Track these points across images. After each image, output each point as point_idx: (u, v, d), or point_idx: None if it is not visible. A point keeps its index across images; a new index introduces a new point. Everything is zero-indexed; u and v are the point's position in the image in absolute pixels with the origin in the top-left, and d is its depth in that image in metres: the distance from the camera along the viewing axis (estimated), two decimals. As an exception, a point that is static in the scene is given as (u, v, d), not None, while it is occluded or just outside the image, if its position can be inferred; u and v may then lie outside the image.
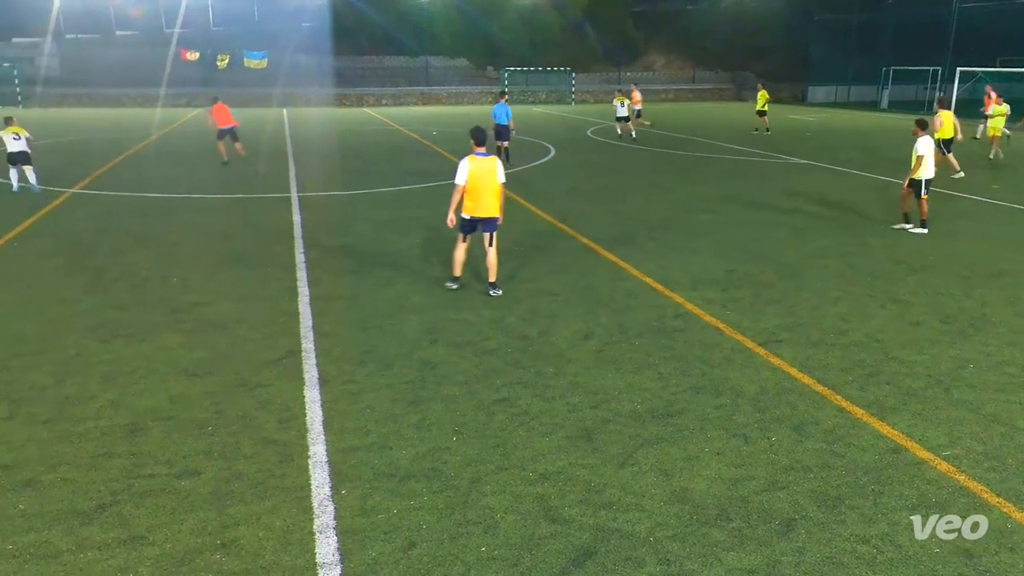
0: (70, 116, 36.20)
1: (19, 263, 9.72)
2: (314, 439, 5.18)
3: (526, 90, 52.15)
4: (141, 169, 18.59)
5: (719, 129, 29.94)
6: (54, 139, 25.79)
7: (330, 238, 11.20)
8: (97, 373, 6.27)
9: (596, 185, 16.46)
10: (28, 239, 11.00)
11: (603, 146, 24.74)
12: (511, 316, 7.78)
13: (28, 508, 4.36)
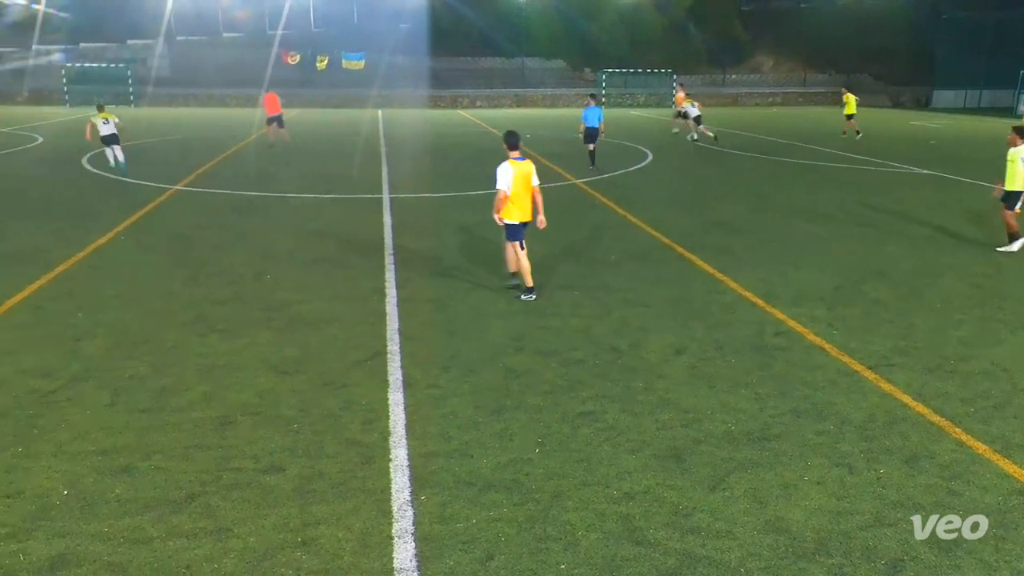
0: (177, 115, 38.46)
1: (125, 256, 10.38)
2: (396, 442, 5.29)
3: (624, 92, 51.77)
4: (240, 167, 19.55)
5: (830, 136, 28.81)
6: (161, 137, 27.48)
7: (419, 240, 11.43)
8: (192, 365, 6.62)
9: (695, 192, 16.14)
10: (134, 233, 11.75)
11: (704, 151, 24.25)
12: (600, 326, 7.71)
13: (123, 493, 4.64)
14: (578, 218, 13.30)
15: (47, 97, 46.69)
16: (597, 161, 19.51)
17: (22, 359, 6.69)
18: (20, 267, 9.66)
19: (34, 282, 8.97)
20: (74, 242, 10.94)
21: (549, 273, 9.69)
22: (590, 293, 8.82)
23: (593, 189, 16.18)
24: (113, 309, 8.14)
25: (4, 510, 4.45)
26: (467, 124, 35.68)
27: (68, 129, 30.09)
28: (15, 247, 10.78)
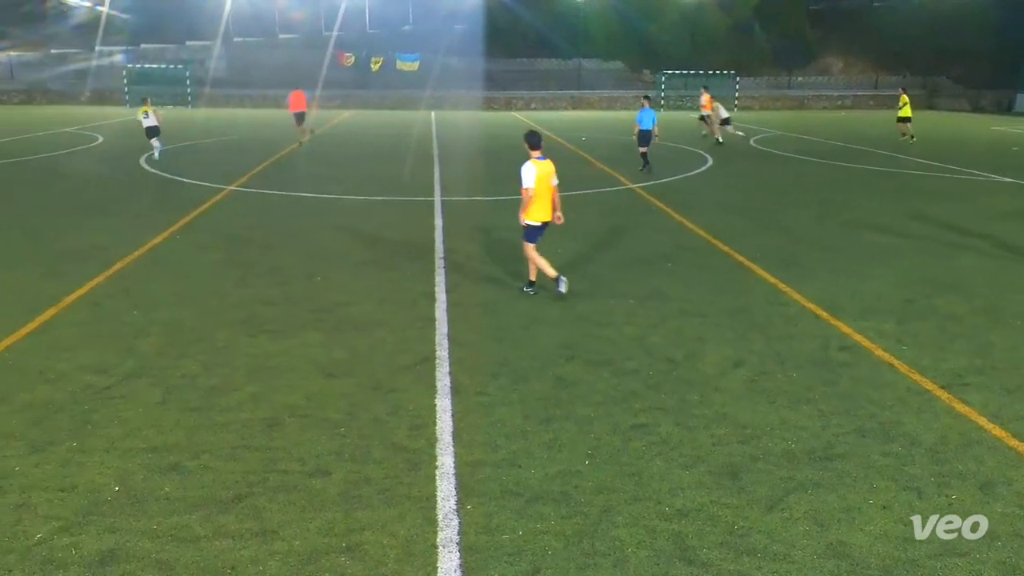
0: (232, 116, 39.53)
1: (180, 255, 10.71)
2: (443, 449, 5.32)
3: (684, 95, 51.26)
4: (293, 169, 19.99)
5: (904, 141, 28.00)
6: (217, 138, 28.28)
7: (470, 244, 11.50)
8: (242, 366, 6.78)
9: (756, 199, 15.88)
10: (188, 233, 12.11)
11: (767, 156, 23.85)
12: (655, 336, 7.64)
13: (172, 492, 4.78)
14: (634, 224, 13.21)
15: (108, 97, 48.54)
16: (651, 165, 19.43)
17: (80, 355, 6.95)
18: (80, 264, 10.05)
19: (93, 279, 9.32)
20: (131, 240, 11.32)
21: (602, 280, 9.65)
22: (645, 302, 8.75)
23: (650, 194, 16.05)
24: (167, 307, 8.39)
25: (59, 503, 4.62)
26: (521, 127, 35.78)
27: (128, 129, 31.22)
28: (75, 245, 11.21)
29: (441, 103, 48.92)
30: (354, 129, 33.68)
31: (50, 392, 6.18)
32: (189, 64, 50.01)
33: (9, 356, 6.91)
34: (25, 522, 4.43)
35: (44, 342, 7.27)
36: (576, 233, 12.40)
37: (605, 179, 18.42)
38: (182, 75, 48.56)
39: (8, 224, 12.58)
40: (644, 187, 17.00)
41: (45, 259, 10.39)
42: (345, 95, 49.37)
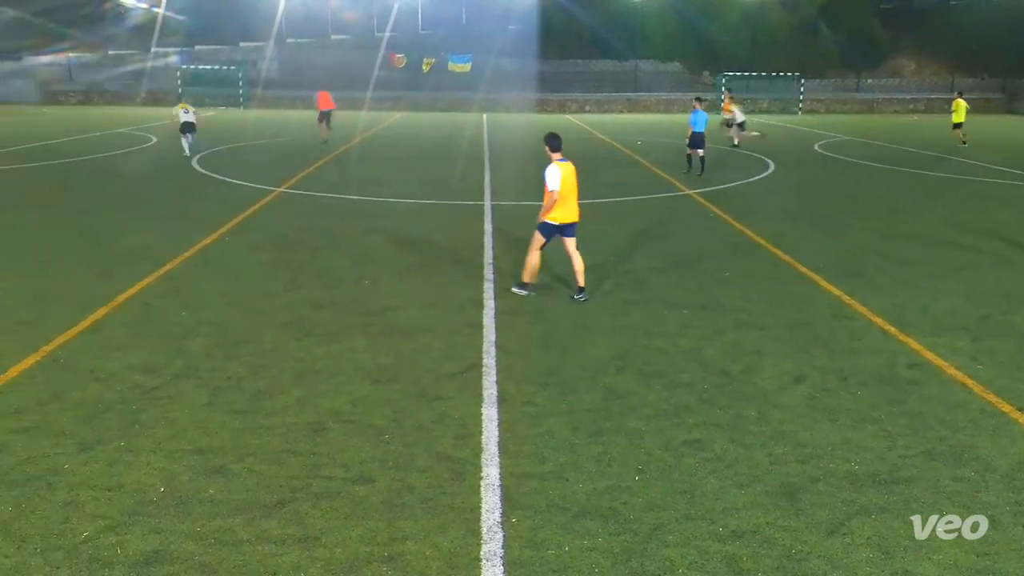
0: (284, 117, 40.41)
1: (229, 256, 10.97)
2: (488, 460, 5.33)
3: (745, 97, 50.54)
4: (343, 171, 20.32)
5: (980, 147, 27.15)
6: (268, 139, 28.91)
7: (520, 250, 11.50)
8: (288, 369, 6.90)
9: (821, 207, 15.56)
10: (239, 234, 12.39)
11: (832, 162, 23.37)
12: (710, 348, 7.53)
13: (216, 494, 4.88)
14: (690, 231, 13.06)
15: (163, 98, 50.08)
16: (707, 169, 19.31)
17: (129, 354, 7.16)
18: (131, 264, 10.36)
19: (144, 279, 9.60)
20: (182, 241, 11.64)
21: (656, 289, 9.56)
22: (700, 312, 8.64)
23: (707, 201, 15.87)
24: (216, 308, 8.60)
25: (105, 502, 4.76)
26: (574, 129, 35.76)
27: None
28: (127, 244, 11.58)
29: (493, 105, 49.18)
30: (404, 131, 34.09)
31: (100, 391, 6.38)
32: (242, 65, 51.30)
33: (62, 354, 7.16)
34: (73, 520, 4.57)
35: (96, 341, 7.52)
36: (629, 240, 12.32)
37: (661, 184, 18.28)
38: (234, 76, 49.83)
39: (65, 223, 13.06)
40: (701, 193, 16.81)
41: (99, 258, 10.74)
42: (396, 97, 50.02)
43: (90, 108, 47.67)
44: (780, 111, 49.49)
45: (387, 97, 49.57)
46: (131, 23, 55.54)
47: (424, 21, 57.25)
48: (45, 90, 51.96)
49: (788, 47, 53.68)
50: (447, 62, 52.60)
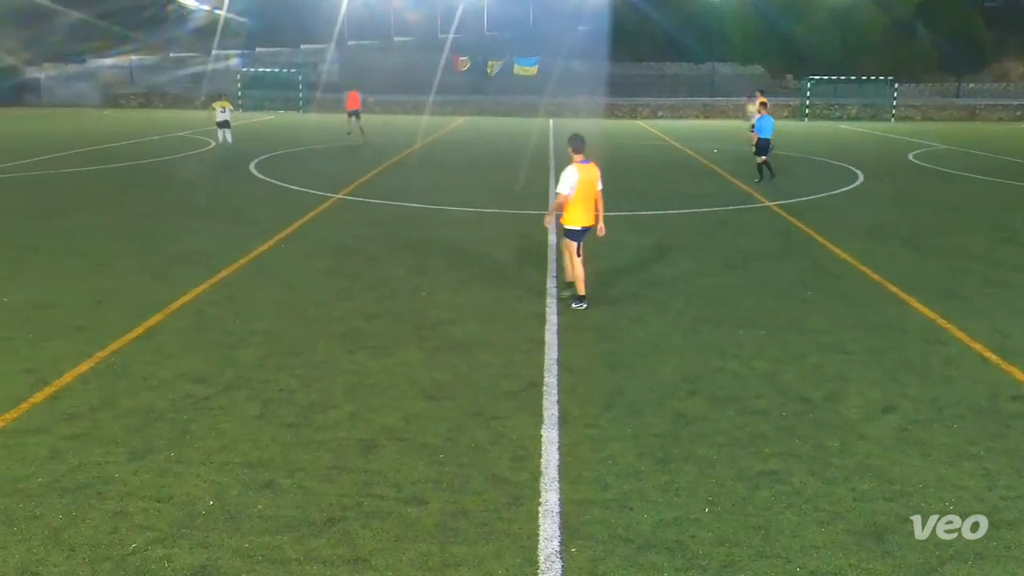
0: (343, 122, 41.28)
1: (284, 264, 11.23)
2: (547, 485, 5.31)
3: (832, 103, 49.57)
4: (402, 178, 20.63)
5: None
6: (327, 144, 29.57)
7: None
8: (341, 382, 7.02)
9: (914, 222, 15.10)
10: (294, 242, 12.69)
11: (928, 173, 22.68)
12: (789, 372, 7.37)
13: (265, 510, 4.98)
14: (769, 246, 12.84)
15: (222, 102, 51.73)
16: (777, 177, 19.28)
17: (181, 362, 7.39)
18: (186, 270, 10.71)
19: (198, 286, 9.91)
20: (237, 247, 11.98)
21: (731, 308, 9.41)
22: (778, 333, 8.47)
23: (789, 214, 15.58)
24: (269, 317, 8.81)
25: (154, 514, 4.91)
26: (646, 136, 35.58)
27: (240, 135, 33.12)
28: (183, 250, 11.97)
29: (560, 110, 49.32)
30: (467, 137, 34.44)
31: (152, 399, 6.59)
32: (302, 68, 52.68)
33: (116, 360, 7.43)
34: (121, 531, 4.73)
35: (149, 348, 7.78)
36: (703, 254, 12.18)
37: (739, 196, 18.02)
38: (294, 79, 51.16)
39: (122, 228, 13.58)
40: (783, 205, 16.51)
41: (154, 263, 11.14)
42: (459, 101, 50.59)
43: (150, 111, 49.55)
44: (871, 118, 48.30)
45: (449, 101, 50.17)
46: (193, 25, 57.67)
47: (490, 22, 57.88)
48: (106, 93, 54.28)
49: (881, 48, 52.46)
50: (512, 64, 53.01)
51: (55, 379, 6.95)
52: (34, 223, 13.93)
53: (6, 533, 4.67)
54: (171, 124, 35.97)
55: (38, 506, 4.96)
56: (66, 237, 12.81)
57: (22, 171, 20.51)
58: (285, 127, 37.42)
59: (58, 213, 14.86)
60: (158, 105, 52.84)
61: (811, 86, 48.97)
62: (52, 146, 26.47)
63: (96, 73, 55.95)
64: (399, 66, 52.06)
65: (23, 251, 11.80)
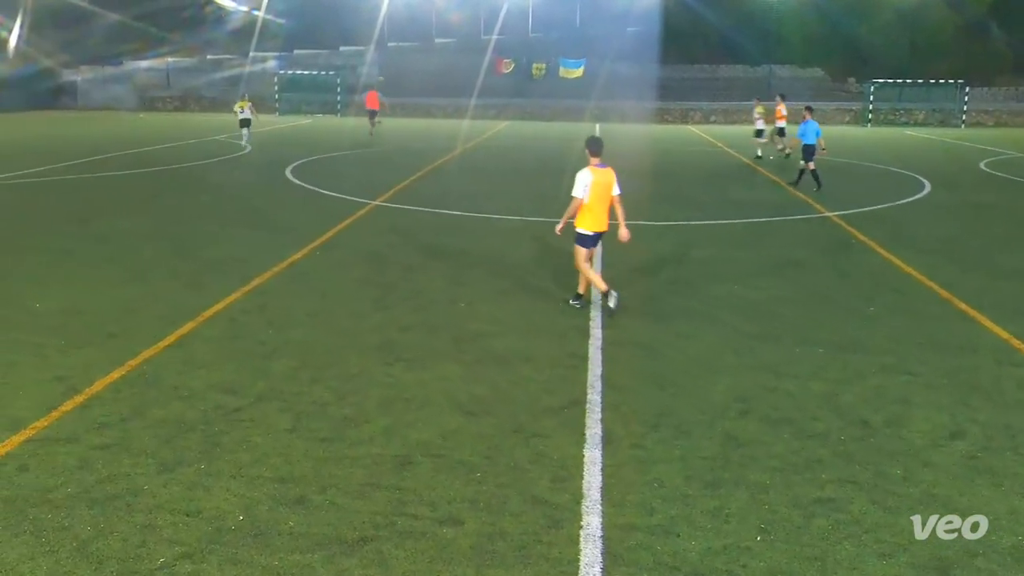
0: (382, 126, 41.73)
1: (318, 273, 11.37)
2: (589, 507, 5.28)
3: (897, 108, 48.79)
4: (441, 184, 20.77)
5: None
6: (364, 149, 29.92)
7: (632, 275, 11.44)
8: (375, 396, 7.06)
9: (986, 235, 14.77)
10: (329, 250, 12.84)
11: (1002, 183, 22.19)
12: (849, 394, 7.24)
13: (296, 527, 5.03)
14: (829, 258, 12.65)
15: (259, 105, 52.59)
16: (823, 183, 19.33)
17: (212, 373, 7.51)
18: (219, 277, 10.90)
19: (231, 294, 10.07)
20: (271, 254, 12.16)
21: (787, 324, 9.29)
22: (838, 352, 8.33)
23: (849, 224, 15.35)
24: (302, 327, 8.92)
25: (183, 528, 4.99)
26: (697, 142, 35.38)
27: (276, 139, 33.67)
28: (215, 257, 12.19)
29: (607, 114, 49.26)
30: (509, 142, 34.57)
31: (182, 410, 6.71)
32: (340, 71, 53.40)
33: (147, 369, 7.58)
34: (150, 544, 4.81)
35: (180, 357, 7.92)
36: (757, 266, 12.05)
37: (797, 205, 17.81)
38: (332, 82, 51.90)
39: (156, 233, 13.88)
40: (843, 215, 16.28)
41: (187, 270, 11.35)
42: (502, 104, 50.84)
43: (186, 115, 50.66)
44: (939, 123, 47.42)
45: (492, 105, 50.46)
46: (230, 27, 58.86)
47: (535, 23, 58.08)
48: (142, 96, 55.65)
49: (951, 50, 51.57)
50: (558, 67, 53.11)
51: (86, 387, 7.11)
52: (68, 227, 14.31)
53: (34, 544, 4.78)
54: (207, 128, 36.69)
55: (67, 517, 5.07)
56: (100, 242, 13.12)
57: (57, 175, 21.09)
58: (322, 131, 37.95)
59: (92, 217, 15.25)
60: (194, 108, 53.98)
61: (875, 90, 48.27)
62: (87, 150, 27.20)
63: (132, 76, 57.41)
64: (440, 68, 52.50)
65: (57, 255, 12.12)
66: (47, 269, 11.38)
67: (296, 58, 57.35)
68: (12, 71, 51.29)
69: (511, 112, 50.64)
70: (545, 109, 50.48)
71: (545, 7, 57.42)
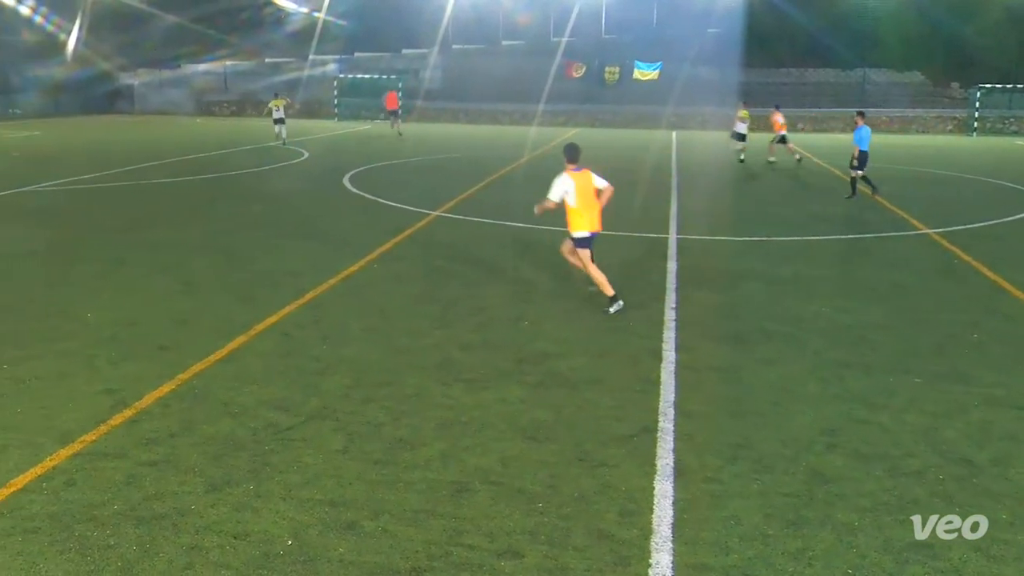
0: (444, 133, 42.24)
1: (375, 286, 11.52)
2: (659, 545, 5.21)
3: (1006, 115, 47.37)
4: (507, 194, 20.88)
5: None
6: (425, 157, 30.28)
7: (710, 294, 11.32)
8: (433, 418, 7.11)
9: (1108, 256, 14.20)
10: (388, 262, 13.01)
11: (1126, 200, 21.29)
12: (950, 429, 7.02)
13: (346, 554, 5.08)
14: (928, 280, 12.33)
15: (317, 110, 53.81)
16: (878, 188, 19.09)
17: (264, 389, 7.66)
18: (273, 290, 11.13)
19: (284, 307, 10.28)
20: (326, 267, 12.37)
21: (880, 350, 9.07)
22: (937, 382, 8.09)
23: (951, 242, 14.93)
24: (357, 343, 9.04)
25: (230, 551, 5.08)
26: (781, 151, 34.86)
27: (334, 146, 34.33)
28: (269, 268, 12.46)
29: (685, 121, 48.94)
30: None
31: (232, 427, 6.85)
32: (402, 75, 54.19)
33: (197, 384, 7.77)
34: (196, 567, 4.91)
35: (231, 372, 8.11)
36: (847, 287, 11.80)
37: (891, 221, 17.41)
38: (393, 86, 52.71)
39: (209, 243, 14.27)
40: (943, 233, 15.85)
41: (240, 282, 11.62)
42: (571, 110, 50.93)
43: (243, 119, 52.00)
44: (1054, 133, 45.86)
45: (560, 111, 50.58)
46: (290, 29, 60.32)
47: (608, 24, 58.08)
48: (199, 100, 57.35)
49: (1069, 53, 49.84)
50: (632, 70, 53.00)
51: (135, 401, 7.32)
52: (121, 236, 14.80)
53: (80, 562, 4.93)
54: (264, 134, 37.57)
55: (113, 535, 5.22)
56: (152, 251, 13.53)
57: (112, 181, 21.86)
58: (383, 138, 38.53)
59: (146, 226, 15.75)
60: (251, 113, 55.38)
61: (981, 96, 46.92)
62: (142, 155, 28.14)
63: (190, 79, 59.22)
64: (507, 72, 52.81)
65: (110, 265, 12.55)
66: (99, 278, 11.78)
67: (356, 61, 58.41)
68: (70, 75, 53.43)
69: (581, 118, 50.66)
70: (617, 116, 50.38)
71: (619, 7, 57.37)
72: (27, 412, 7.08)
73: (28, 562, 4.93)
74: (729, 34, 50.98)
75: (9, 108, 51.66)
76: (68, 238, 14.62)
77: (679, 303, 10.77)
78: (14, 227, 15.75)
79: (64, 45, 54.46)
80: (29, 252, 13.51)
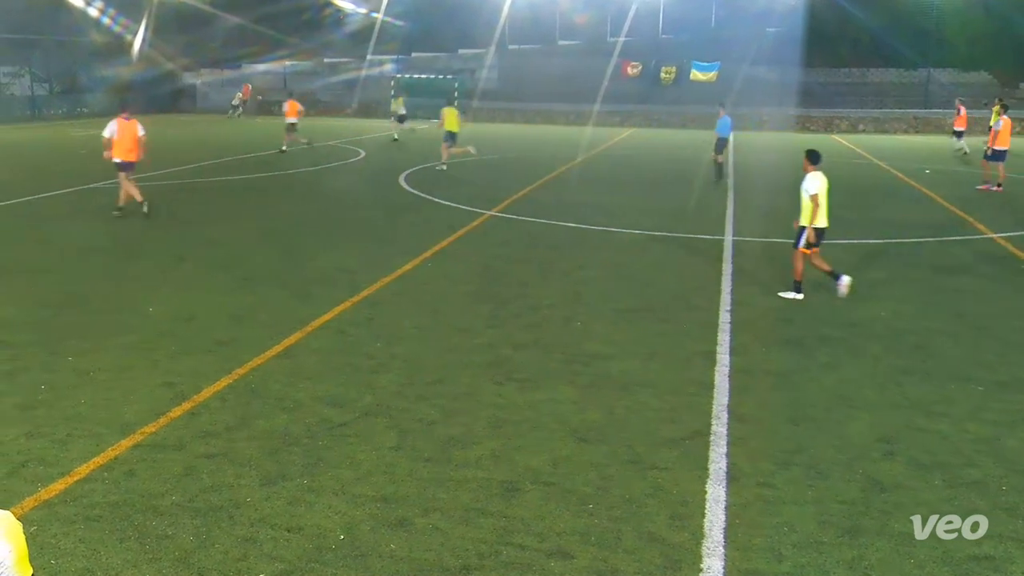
0: (499, 133, 42.31)
1: (429, 285, 11.60)
2: (710, 549, 5.17)
3: (1077, 117, 45.89)
4: (560, 194, 20.87)
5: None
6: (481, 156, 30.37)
7: (767, 298, 11.18)
8: (484, 416, 7.14)
9: None
10: (441, 261, 13.09)
11: None
12: (1013, 438, 6.85)
13: (397, 550, 5.13)
14: (993, 285, 12.02)
15: (374, 110, 54.27)
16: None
17: (318, 386, 7.77)
18: (328, 288, 11.27)
19: (339, 305, 10.40)
20: (381, 265, 12.49)
21: (941, 357, 8.87)
22: (1000, 391, 7.89)
23: (1018, 247, 14.53)
24: (411, 341, 9.11)
25: (284, 543, 5.17)
26: (843, 153, 34.28)
27: (390, 145, 34.64)
28: (325, 266, 12.62)
29: (743, 122, 48.19)
30: (635, 150, 34.44)
31: (287, 422, 6.96)
32: (459, 75, 54.42)
33: (254, 379, 7.91)
34: (251, 558, 5.00)
35: (287, 367, 8.23)
36: (909, 292, 11.57)
37: (955, 225, 17.01)
38: (449, 86, 52.94)
39: (268, 241, 14.51)
40: (1010, 238, 15.42)
41: (297, 279, 11.80)
42: (626, 111, 50.64)
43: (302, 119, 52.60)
44: None
45: (615, 111, 50.30)
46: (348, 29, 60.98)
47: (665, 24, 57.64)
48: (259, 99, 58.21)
49: None
50: (689, 70, 52.56)
51: (194, 394, 7.48)
52: (182, 232, 15.13)
53: (139, 551, 5.05)
54: (322, 133, 38.08)
55: (171, 525, 5.34)
56: (211, 248, 13.81)
57: (174, 179, 22.34)
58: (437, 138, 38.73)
59: (205, 223, 16.08)
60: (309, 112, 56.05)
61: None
62: (203, 154, 28.71)
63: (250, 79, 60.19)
64: (563, 72, 52.70)
65: (171, 260, 12.84)
66: (161, 273, 12.05)
67: (413, 61, 58.82)
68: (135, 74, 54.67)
69: (637, 119, 50.35)
70: (674, 116, 49.96)
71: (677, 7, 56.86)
72: (90, 403, 7.28)
73: (90, 549, 5.07)
74: (789, 34, 50.20)
75: (78, 107, 53.06)
76: (131, 235, 14.98)
77: (734, 306, 10.66)
78: (81, 223, 16.20)
79: (130, 46, 55.75)
80: (94, 248, 13.90)
